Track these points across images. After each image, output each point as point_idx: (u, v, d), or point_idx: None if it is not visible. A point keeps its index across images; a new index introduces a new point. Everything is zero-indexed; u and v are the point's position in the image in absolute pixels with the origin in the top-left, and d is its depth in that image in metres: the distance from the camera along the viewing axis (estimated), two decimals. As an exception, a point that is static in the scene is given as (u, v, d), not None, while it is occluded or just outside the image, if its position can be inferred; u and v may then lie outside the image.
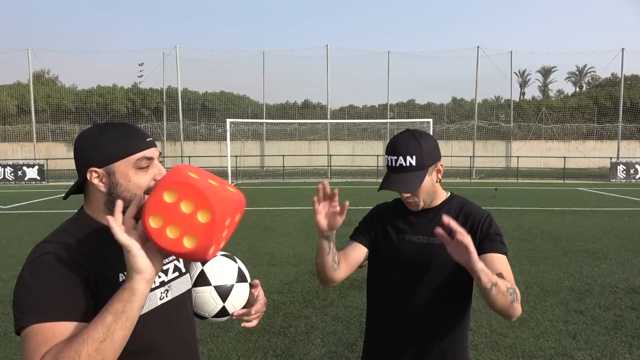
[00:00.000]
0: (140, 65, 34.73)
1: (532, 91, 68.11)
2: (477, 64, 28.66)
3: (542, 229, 9.29)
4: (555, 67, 50.69)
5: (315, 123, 30.65)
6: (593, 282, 5.81)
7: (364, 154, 27.99)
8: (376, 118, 31.63)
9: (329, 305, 5.04)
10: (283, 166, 24.77)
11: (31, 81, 28.32)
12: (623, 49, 28.15)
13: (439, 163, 1.67)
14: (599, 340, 4.16)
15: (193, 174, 1.04)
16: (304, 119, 31.27)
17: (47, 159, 23.90)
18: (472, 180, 23.32)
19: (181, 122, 29.34)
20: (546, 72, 51.94)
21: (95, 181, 1.21)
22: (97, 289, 1.15)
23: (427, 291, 1.66)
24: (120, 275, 1.20)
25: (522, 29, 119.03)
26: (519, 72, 51.19)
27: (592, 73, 46.63)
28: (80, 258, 1.15)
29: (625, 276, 6.07)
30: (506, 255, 1.60)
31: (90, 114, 30.95)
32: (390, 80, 30.18)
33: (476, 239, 1.60)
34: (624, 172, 22.31)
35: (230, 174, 21.05)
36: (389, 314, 1.73)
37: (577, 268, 6.46)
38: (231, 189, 1.09)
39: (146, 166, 1.23)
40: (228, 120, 21.68)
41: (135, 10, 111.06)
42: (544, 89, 51.81)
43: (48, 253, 1.13)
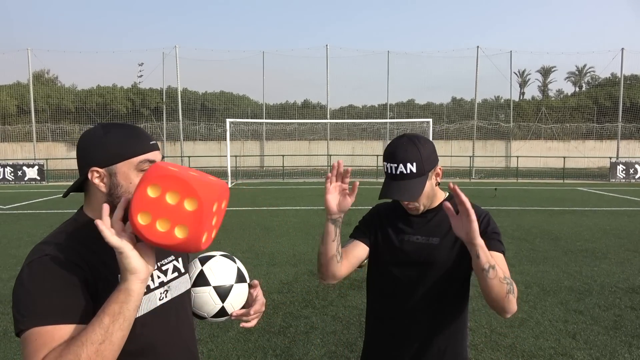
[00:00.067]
0: (140, 65, 34.72)
1: (532, 91, 68.21)
2: (477, 64, 28.70)
3: (542, 229, 9.30)
4: (554, 67, 50.80)
5: (314, 123, 30.67)
6: (593, 282, 5.82)
7: (364, 154, 27.99)
8: (376, 118, 31.64)
9: (329, 305, 5.04)
10: (283, 166, 24.78)
11: (31, 81, 28.31)
12: (622, 49, 28.19)
13: (438, 167, 1.67)
14: (599, 340, 4.16)
15: (172, 168, 1.05)
16: (304, 119, 31.27)
17: (47, 159, 23.90)
18: (472, 180, 23.32)
19: (181, 122, 29.34)
20: (546, 72, 51.98)
21: (96, 181, 1.21)
22: (97, 290, 1.15)
23: (427, 291, 1.67)
24: (119, 276, 1.20)
25: (522, 29, 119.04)
26: (519, 72, 51.25)
27: (592, 73, 46.72)
28: (79, 259, 1.14)
29: (624, 276, 6.08)
30: (504, 254, 1.61)
31: (90, 114, 30.95)
32: (390, 80, 30.26)
33: None
34: (624, 172, 22.32)
35: (230, 174, 21.04)
36: (389, 314, 1.74)
37: (577, 268, 6.46)
38: (212, 178, 1.11)
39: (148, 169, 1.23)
40: (228, 120, 21.67)
41: (135, 10, 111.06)
42: (544, 89, 51.85)
43: (47, 255, 1.13)
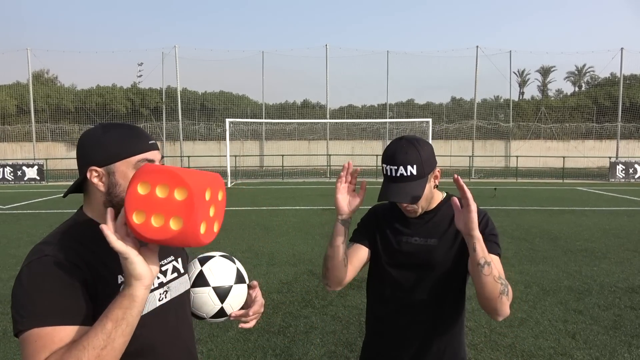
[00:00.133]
0: (139, 65, 34.66)
1: (531, 91, 68.17)
2: (476, 64, 28.63)
3: (542, 229, 9.30)
4: (554, 67, 50.83)
5: (314, 123, 30.63)
6: (592, 282, 5.82)
7: (363, 154, 27.97)
8: (375, 118, 31.62)
9: (329, 305, 5.04)
10: (282, 166, 24.76)
11: (30, 81, 28.27)
12: (622, 49, 28.14)
13: (437, 169, 1.67)
14: (598, 339, 4.16)
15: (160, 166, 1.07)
16: (303, 119, 31.24)
17: (47, 159, 23.89)
18: (472, 180, 23.32)
19: (180, 122, 29.31)
20: (545, 72, 52.01)
21: (94, 180, 1.21)
22: (96, 291, 1.14)
23: (425, 291, 1.67)
24: (119, 277, 1.20)
25: (521, 29, 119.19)
26: (518, 72, 51.28)
27: (591, 73, 46.74)
28: (78, 260, 1.14)
29: (624, 276, 6.08)
30: (499, 256, 1.63)
31: (89, 114, 30.94)
32: (389, 80, 30.18)
33: None
34: (623, 172, 22.34)
35: (229, 174, 21.03)
36: (388, 315, 1.74)
37: (577, 267, 6.46)
38: (202, 171, 1.13)
39: None
40: (227, 120, 21.67)
41: (134, 10, 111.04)
42: (543, 89, 51.89)
43: (46, 255, 1.12)
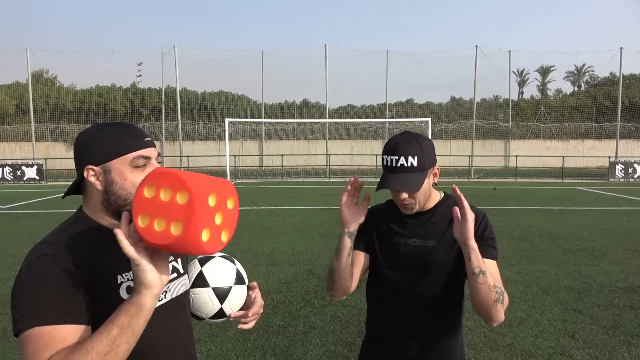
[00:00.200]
0: (138, 65, 34.63)
1: (531, 90, 68.16)
2: (476, 64, 28.57)
3: (541, 228, 9.30)
4: (553, 67, 50.83)
5: (313, 123, 30.60)
6: (592, 281, 5.82)
7: (363, 154, 27.96)
8: (375, 117, 31.59)
9: (328, 304, 5.04)
10: (282, 166, 24.75)
11: (30, 81, 28.21)
12: (621, 48, 28.12)
13: (436, 167, 1.68)
14: (598, 339, 4.16)
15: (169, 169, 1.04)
16: (303, 119, 31.22)
17: (46, 159, 23.87)
18: (471, 179, 23.33)
19: (180, 122, 29.27)
20: (545, 72, 52.02)
21: (92, 179, 1.21)
22: (95, 291, 1.14)
23: (424, 293, 1.66)
24: (118, 277, 1.20)
25: (521, 29, 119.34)
26: (518, 72, 51.28)
27: (591, 72, 46.79)
28: (78, 259, 1.14)
29: (623, 275, 6.08)
30: (496, 259, 1.64)
31: (89, 114, 30.90)
32: (388, 79, 30.07)
33: None
34: (623, 172, 22.36)
35: (229, 174, 21.05)
36: (387, 316, 1.73)
37: (576, 267, 6.47)
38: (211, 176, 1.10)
39: (143, 165, 1.23)
40: (227, 119, 21.70)
41: (133, 10, 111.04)
42: (543, 88, 51.90)
43: (46, 255, 1.12)
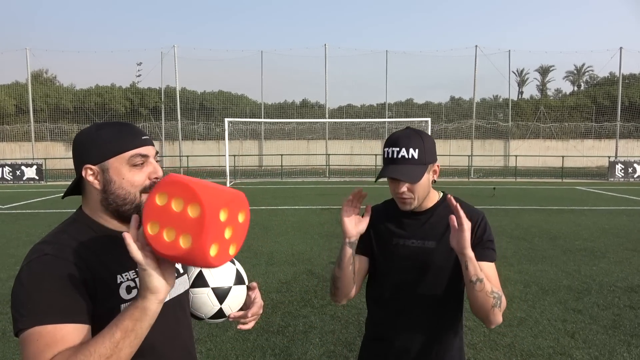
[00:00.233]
0: (138, 64, 34.58)
1: (530, 90, 68.05)
2: (475, 63, 28.57)
3: (541, 228, 9.31)
4: (553, 66, 50.77)
5: (313, 122, 30.58)
6: (591, 281, 5.82)
7: (362, 153, 27.96)
8: (374, 117, 31.59)
9: (328, 304, 5.04)
10: (281, 165, 24.75)
11: (29, 81, 28.20)
12: (621, 48, 28.12)
13: (436, 164, 1.67)
14: (598, 339, 4.16)
15: (182, 177, 1.01)
16: (302, 119, 31.19)
17: (46, 159, 23.86)
18: (471, 179, 23.35)
19: (179, 122, 29.24)
20: (544, 71, 51.99)
21: (90, 178, 1.21)
22: (95, 291, 1.14)
23: (424, 294, 1.65)
24: (118, 276, 1.20)
25: (520, 28, 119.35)
26: (517, 71, 51.24)
27: (590, 72, 46.75)
28: (78, 259, 1.14)
29: (623, 275, 6.08)
30: (494, 261, 1.64)
31: (88, 114, 30.88)
32: (388, 79, 30.06)
33: (471, 242, 1.59)
34: (622, 171, 22.37)
35: (228, 174, 21.03)
36: (387, 317, 1.72)
37: (576, 267, 6.47)
38: (226, 187, 1.07)
39: (140, 163, 1.23)
40: (226, 119, 21.64)
41: (133, 9, 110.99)
42: (542, 88, 51.88)
43: (46, 254, 1.12)
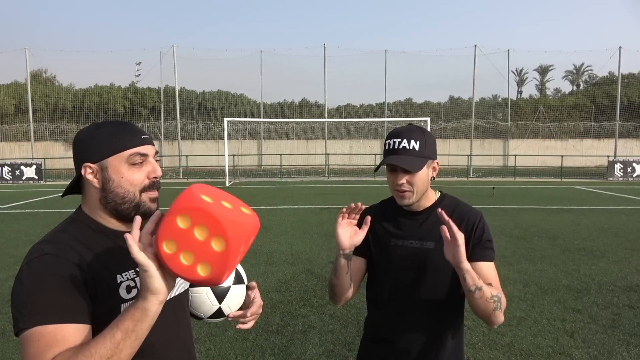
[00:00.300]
0: (137, 64, 34.66)
1: (530, 90, 67.96)
2: (475, 63, 28.58)
3: (540, 228, 9.31)
4: (552, 66, 50.75)
5: (312, 122, 30.61)
6: (590, 281, 5.83)
7: (362, 153, 27.97)
8: (374, 117, 31.62)
9: (327, 304, 5.04)
10: (280, 165, 24.76)
11: (29, 80, 28.18)
12: (620, 48, 28.14)
13: (436, 161, 1.67)
14: (597, 338, 4.17)
15: (206, 197, 0.99)
16: (302, 118, 31.20)
17: (45, 159, 23.84)
18: (470, 179, 23.36)
19: (179, 121, 29.23)
20: (543, 71, 52.02)
21: (89, 177, 1.21)
22: (96, 291, 1.14)
23: (424, 295, 1.64)
24: (117, 276, 1.19)
25: (520, 28, 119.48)
26: (516, 71, 51.28)
27: (590, 71, 46.74)
28: (78, 259, 1.14)
29: (622, 274, 6.09)
30: (494, 260, 1.64)
31: (87, 113, 30.85)
32: (387, 79, 30.06)
33: (469, 244, 1.60)
34: (621, 171, 22.40)
35: (227, 173, 21.04)
36: (386, 318, 1.72)
37: (575, 266, 6.47)
38: (245, 210, 1.05)
39: (140, 162, 1.23)
40: (225, 119, 21.65)
41: (132, 9, 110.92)
42: (541, 88, 51.92)
43: (47, 254, 1.11)
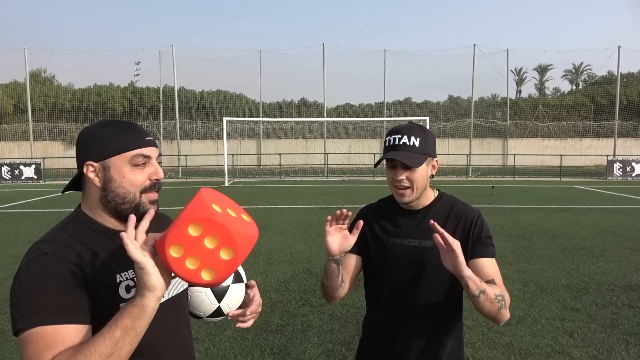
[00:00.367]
0: (136, 64, 34.46)
1: (529, 89, 67.98)
2: (474, 62, 28.57)
3: (539, 227, 9.31)
4: (551, 65, 50.78)
5: (311, 121, 30.61)
6: (590, 280, 5.83)
7: (361, 152, 27.98)
8: (373, 116, 31.62)
9: (326, 303, 5.03)
10: (280, 165, 24.74)
11: (28, 80, 28.13)
12: (619, 47, 28.13)
13: (435, 159, 1.67)
14: (596, 337, 4.17)
15: (216, 207, 1.04)
16: (301, 118, 31.22)
17: (44, 158, 23.79)
18: (469, 178, 23.37)
19: (178, 121, 29.20)
20: (542, 70, 52.04)
21: (91, 175, 1.21)
22: (95, 290, 1.14)
23: (423, 294, 1.64)
24: (117, 276, 1.19)
25: (519, 27, 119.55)
26: (516, 70, 51.26)
27: (589, 71, 46.80)
28: (77, 258, 1.13)
29: (621, 274, 6.09)
30: (495, 256, 1.63)
31: (86, 113, 30.83)
32: (386, 78, 30.01)
33: (468, 242, 1.60)
34: (621, 170, 22.41)
35: (226, 173, 21.02)
36: (386, 318, 1.72)
37: (574, 266, 6.47)
38: (246, 218, 1.13)
39: (142, 164, 1.22)
40: (225, 118, 21.64)
41: (132, 9, 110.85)
42: (541, 87, 51.97)
43: (46, 254, 1.11)
